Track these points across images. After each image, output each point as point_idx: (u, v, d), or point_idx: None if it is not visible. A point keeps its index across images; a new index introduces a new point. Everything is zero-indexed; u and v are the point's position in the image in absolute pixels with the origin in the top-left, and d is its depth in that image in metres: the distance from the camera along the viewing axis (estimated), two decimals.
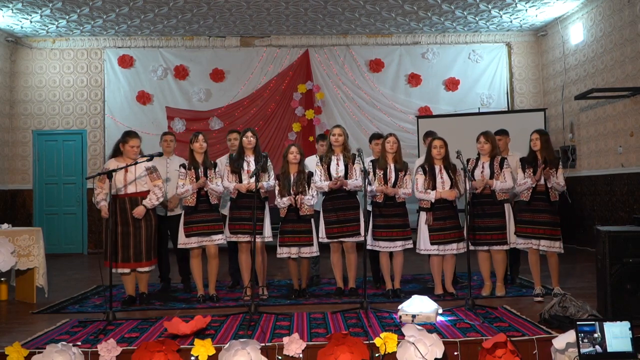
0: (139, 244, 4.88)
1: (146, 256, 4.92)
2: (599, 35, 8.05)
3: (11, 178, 9.42)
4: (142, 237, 4.89)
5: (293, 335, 3.56)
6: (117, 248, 4.83)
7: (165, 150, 5.76)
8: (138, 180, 4.90)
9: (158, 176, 5.01)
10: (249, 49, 9.74)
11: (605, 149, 7.97)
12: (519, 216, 5.07)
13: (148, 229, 4.92)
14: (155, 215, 5.05)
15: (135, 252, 4.87)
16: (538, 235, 4.96)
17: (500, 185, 5.03)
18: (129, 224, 4.86)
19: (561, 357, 3.40)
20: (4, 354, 3.45)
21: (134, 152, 4.92)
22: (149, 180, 4.94)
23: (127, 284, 5.06)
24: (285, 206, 5.17)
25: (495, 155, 5.15)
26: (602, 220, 7.97)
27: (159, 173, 5.04)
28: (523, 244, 5.05)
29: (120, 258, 4.84)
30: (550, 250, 4.96)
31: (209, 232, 5.12)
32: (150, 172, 4.96)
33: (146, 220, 4.91)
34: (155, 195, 4.91)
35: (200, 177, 5.10)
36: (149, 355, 3.42)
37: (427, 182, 5.12)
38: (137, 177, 4.89)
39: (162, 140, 5.86)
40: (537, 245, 4.98)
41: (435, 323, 4.05)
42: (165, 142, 5.82)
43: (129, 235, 4.85)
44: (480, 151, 5.18)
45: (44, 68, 9.58)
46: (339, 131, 5.34)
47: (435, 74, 9.87)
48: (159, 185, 4.95)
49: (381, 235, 5.15)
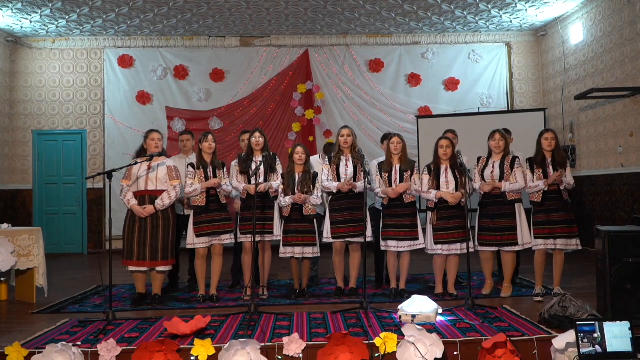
0: (155, 242, 4.87)
1: (162, 255, 4.90)
2: (599, 35, 8.05)
3: (11, 178, 9.42)
4: (159, 236, 4.88)
5: (293, 335, 3.56)
6: (132, 246, 4.84)
7: (183, 150, 5.80)
8: (160, 179, 4.92)
9: (177, 176, 5.01)
10: (248, 49, 9.74)
11: (605, 149, 7.97)
12: (534, 218, 5.03)
13: (165, 228, 4.92)
14: (174, 215, 5.06)
15: (151, 250, 4.86)
16: (556, 235, 4.94)
17: (509, 187, 5.00)
18: (147, 222, 4.86)
19: (561, 357, 3.40)
20: (4, 354, 3.45)
21: (154, 144, 4.98)
22: (169, 180, 4.96)
23: (138, 282, 5.05)
24: (287, 205, 5.17)
25: (507, 154, 5.14)
26: (602, 220, 7.97)
27: (178, 173, 5.05)
28: (542, 244, 5.00)
29: (135, 256, 4.85)
30: (567, 248, 4.95)
31: (219, 232, 5.12)
32: (171, 171, 4.99)
33: (164, 218, 4.92)
34: (168, 195, 4.91)
35: (209, 177, 5.10)
36: (149, 355, 3.42)
37: (431, 181, 5.12)
38: (158, 176, 4.92)
39: (179, 141, 5.93)
40: (554, 244, 4.97)
41: (435, 323, 4.05)
42: (182, 142, 5.85)
43: (146, 233, 4.85)
44: (494, 149, 5.14)
45: (43, 68, 9.58)
46: (347, 132, 5.34)
47: (435, 74, 9.87)
48: (174, 186, 4.96)
49: (389, 234, 5.15)
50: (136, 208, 4.84)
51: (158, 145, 5.03)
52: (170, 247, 4.97)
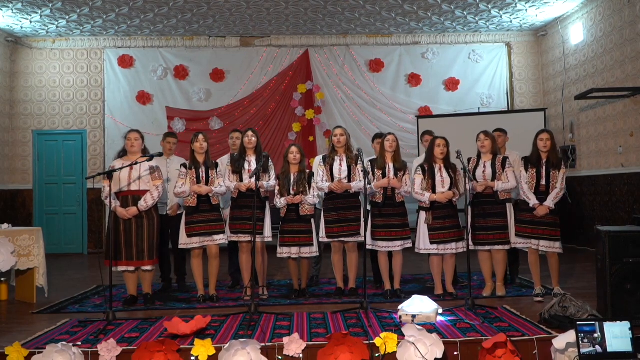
0: (141, 242, 4.87)
1: (148, 254, 4.90)
2: (599, 35, 8.05)
3: (11, 178, 9.42)
4: (145, 235, 4.88)
5: (293, 336, 3.56)
6: (120, 246, 4.84)
7: (166, 151, 5.78)
8: (142, 179, 4.90)
9: (159, 176, 4.99)
10: (249, 49, 9.74)
11: (606, 149, 7.97)
12: (519, 216, 5.07)
13: (150, 227, 4.91)
14: (157, 214, 5.05)
15: (137, 250, 4.86)
16: (538, 236, 4.96)
17: (502, 187, 5.03)
18: (132, 222, 4.85)
19: (561, 357, 3.40)
20: (4, 354, 3.45)
21: (130, 144, 4.93)
22: (151, 180, 4.95)
23: (128, 283, 5.05)
24: (283, 206, 5.17)
25: (496, 154, 5.15)
26: (602, 220, 7.97)
27: (161, 173, 5.04)
28: (522, 243, 5.04)
29: (123, 256, 4.84)
30: (550, 250, 4.96)
31: (210, 232, 5.12)
32: (153, 171, 4.96)
33: (148, 218, 4.91)
34: (151, 195, 4.89)
35: (200, 177, 5.10)
36: (149, 355, 3.42)
37: (425, 182, 5.12)
38: (140, 176, 4.90)
39: (164, 141, 5.88)
40: (537, 245, 4.99)
41: (435, 323, 4.05)
42: (168, 143, 5.85)
43: (131, 233, 4.85)
44: (480, 149, 5.17)
45: (44, 68, 9.58)
46: (340, 131, 5.33)
47: (435, 74, 9.87)
48: (157, 186, 4.94)
49: (380, 235, 5.14)
50: (119, 210, 4.81)
51: (134, 145, 4.93)
52: (155, 246, 4.97)
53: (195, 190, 5.05)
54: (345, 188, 5.16)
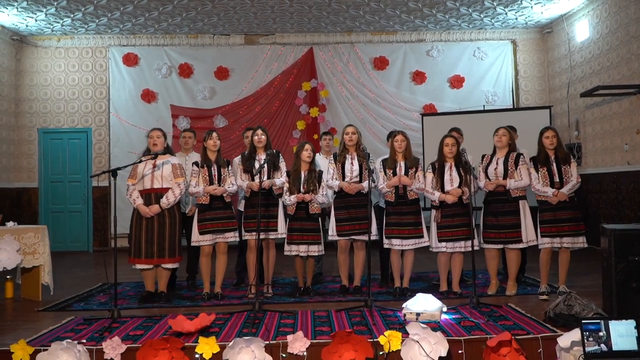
0: (162, 239, 4.90)
1: (169, 252, 4.93)
2: (605, 32, 8.00)
3: (17, 176, 9.45)
4: (166, 233, 4.91)
5: (297, 333, 3.56)
6: (140, 244, 4.87)
7: (184, 147, 5.82)
8: (165, 177, 4.94)
9: (181, 174, 5.04)
10: (253, 47, 9.74)
11: (611, 147, 7.93)
12: (540, 217, 5.02)
13: (172, 225, 4.94)
14: (179, 212, 5.08)
15: (158, 248, 4.89)
16: (562, 233, 4.93)
17: (514, 185, 4.99)
18: (154, 220, 4.88)
19: (566, 356, 3.39)
20: (9, 351, 3.47)
21: (153, 142, 5.00)
22: (173, 177, 4.98)
23: (147, 280, 5.07)
24: (292, 203, 5.17)
25: (511, 151, 5.12)
26: (608, 218, 7.93)
27: (183, 170, 5.08)
28: (549, 243, 4.98)
29: (143, 254, 4.88)
30: (574, 246, 4.94)
31: (222, 230, 5.13)
32: (175, 168, 5.01)
33: (170, 216, 4.94)
34: (172, 193, 4.93)
35: (212, 175, 5.11)
36: (154, 353, 3.43)
37: (435, 179, 5.11)
38: (163, 174, 4.94)
39: (181, 137, 5.96)
40: (561, 243, 4.96)
41: (439, 321, 4.04)
42: (184, 138, 5.88)
43: (153, 231, 4.88)
44: (497, 144, 5.13)
45: (49, 66, 9.61)
46: (352, 130, 5.33)
47: (440, 71, 9.84)
48: (178, 183, 4.99)
49: (393, 233, 5.14)
50: (142, 208, 4.86)
51: (157, 143, 5.00)
52: (177, 244, 4.99)
53: (209, 191, 5.06)
54: (357, 189, 5.16)
